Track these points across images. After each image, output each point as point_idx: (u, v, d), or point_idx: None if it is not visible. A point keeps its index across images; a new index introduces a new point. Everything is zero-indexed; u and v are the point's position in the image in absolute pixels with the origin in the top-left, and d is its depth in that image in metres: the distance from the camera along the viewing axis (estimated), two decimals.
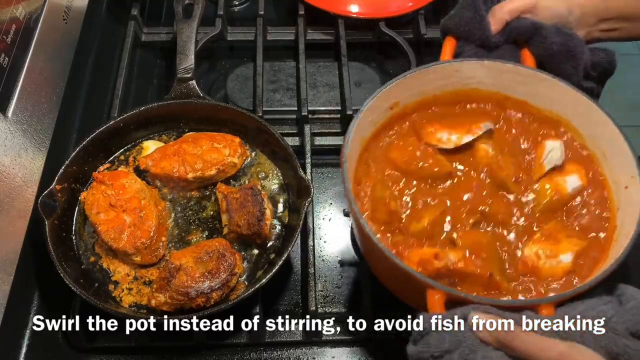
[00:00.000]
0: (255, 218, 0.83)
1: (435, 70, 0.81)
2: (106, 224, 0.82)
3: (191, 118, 0.97)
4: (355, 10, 1.16)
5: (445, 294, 0.63)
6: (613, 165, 0.76)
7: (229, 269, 0.78)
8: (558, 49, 0.83)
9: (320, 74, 1.13)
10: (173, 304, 0.77)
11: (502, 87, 0.83)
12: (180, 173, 0.89)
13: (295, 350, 0.82)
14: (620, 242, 0.69)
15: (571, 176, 0.77)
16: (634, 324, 0.60)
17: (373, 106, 0.78)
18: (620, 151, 0.74)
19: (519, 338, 0.59)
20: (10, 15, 0.83)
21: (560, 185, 0.76)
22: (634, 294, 0.62)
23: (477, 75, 0.83)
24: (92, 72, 1.09)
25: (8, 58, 0.81)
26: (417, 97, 0.83)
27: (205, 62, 1.18)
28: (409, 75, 0.80)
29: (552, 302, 0.63)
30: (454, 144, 0.80)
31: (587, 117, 0.78)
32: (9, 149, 0.79)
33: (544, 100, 0.82)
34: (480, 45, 0.86)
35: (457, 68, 0.82)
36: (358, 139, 0.77)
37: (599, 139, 0.78)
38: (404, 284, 0.70)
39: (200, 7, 1.06)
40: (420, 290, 0.64)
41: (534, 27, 0.83)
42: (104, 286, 0.83)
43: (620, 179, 0.74)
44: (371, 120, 0.79)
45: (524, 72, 0.81)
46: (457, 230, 0.74)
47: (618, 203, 0.74)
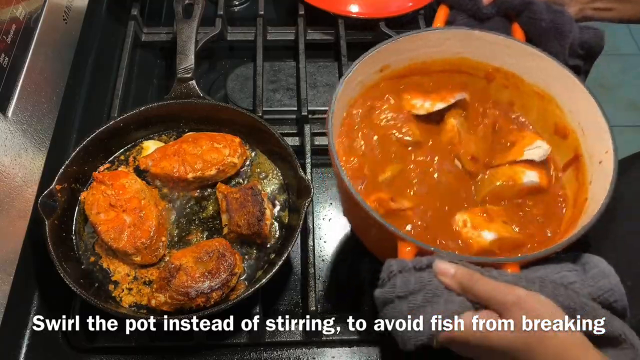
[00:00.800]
0: (255, 218, 0.83)
1: (424, 36, 0.82)
2: (106, 224, 0.82)
3: (191, 118, 0.97)
4: (355, 10, 1.16)
5: (416, 247, 0.65)
6: (590, 141, 0.78)
7: (229, 269, 0.78)
8: (546, 26, 0.85)
9: (320, 74, 1.13)
10: (173, 304, 0.77)
11: (491, 58, 0.84)
12: (180, 173, 0.89)
13: (295, 350, 0.82)
14: (588, 214, 0.70)
15: (531, 171, 0.79)
16: (596, 290, 0.62)
17: (361, 67, 0.79)
18: (598, 127, 0.75)
19: (480, 282, 0.61)
20: (10, 15, 0.83)
21: (517, 175, 0.78)
22: (597, 263, 0.65)
23: (467, 44, 0.84)
24: (92, 72, 1.09)
25: (8, 58, 0.81)
26: (406, 62, 0.84)
27: (205, 62, 1.18)
28: (399, 39, 0.81)
29: (518, 262, 0.65)
30: (425, 111, 0.82)
31: (570, 93, 0.80)
32: (9, 149, 0.79)
33: (531, 73, 0.83)
34: (472, 16, 0.88)
35: (448, 36, 0.83)
36: (345, 98, 0.78)
37: (579, 115, 0.79)
38: (378, 237, 0.72)
39: (200, 7, 1.06)
40: (392, 244, 0.66)
41: (525, 3, 0.85)
42: (104, 286, 0.83)
43: (595, 154, 0.76)
44: (360, 80, 0.81)
45: (513, 45, 0.82)
46: (412, 187, 0.79)
47: (590, 177, 0.76)
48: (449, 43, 0.83)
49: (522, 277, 0.62)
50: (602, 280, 0.63)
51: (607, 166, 0.72)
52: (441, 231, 0.75)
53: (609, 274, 0.64)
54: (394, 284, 0.63)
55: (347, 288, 0.88)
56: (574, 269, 0.65)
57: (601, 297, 0.63)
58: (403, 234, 0.66)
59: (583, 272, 0.64)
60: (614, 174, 0.70)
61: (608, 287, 0.63)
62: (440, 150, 0.82)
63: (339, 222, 0.95)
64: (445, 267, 0.62)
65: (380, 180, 0.79)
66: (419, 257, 0.64)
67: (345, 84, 0.76)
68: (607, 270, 0.64)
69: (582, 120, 0.79)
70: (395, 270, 0.63)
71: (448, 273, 0.62)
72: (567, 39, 0.84)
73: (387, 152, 0.81)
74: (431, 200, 0.78)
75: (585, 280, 0.63)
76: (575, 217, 0.73)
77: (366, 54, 0.78)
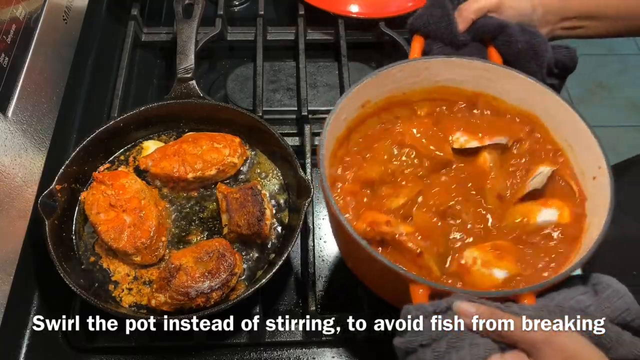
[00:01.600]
0: (255, 218, 0.83)
1: (402, 68, 0.82)
2: (106, 224, 0.82)
3: (191, 118, 0.97)
4: (355, 10, 1.16)
5: (429, 288, 0.63)
6: (580, 157, 0.77)
7: (229, 269, 0.78)
8: (523, 47, 0.85)
9: (320, 74, 1.13)
10: (173, 304, 0.77)
11: (471, 84, 0.84)
12: (180, 173, 0.89)
13: (295, 350, 0.82)
14: (590, 232, 0.69)
15: (549, 209, 0.76)
16: (613, 311, 0.61)
17: (344, 105, 0.78)
18: (588, 143, 0.75)
19: (504, 321, 0.59)
20: (10, 15, 0.83)
21: (532, 213, 0.76)
22: (609, 282, 0.63)
23: (446, 72, 0.84)
24: (92, 72, 1.09)
25: (8, 58, 0.81)
26: (387, 94, 0.84)
27: (205, 62, 1.18)
28: (378, 74, 0.81)
29: (533, 292, 0.64)
30: (459, 145, 0.82)
31: (554, 112, 0.80)
32: (9, 149, 0.79)
33: (512, 96, 0.83)
34: (448, 44, 0.88)
35: (426, 66, 0.83)
36: (333, 138, 0.78)
37: (566, 132, 0.79)
38: (384, 279, 0.71)
39: (200, 7, 1.06)
40: (401, 285, 0.64)
41: (500, 26, 0.85)
42: (103, 286, 0.83)
43: (587, 171, 0.75)
44: (344, 118, 0.80)
45: (492, 68, 0.83)
46: (420, 208, 0.77)
47: (586, 194, 0.75)
48: (427, 73, 0.83)
49: (543, 308, 0.61)
50: (617, 301, 0.62)
51: (603, 181, 0.71)
52: (447, 268, 0.72)
53: (623, 294, 0.62)
54: (416, 332, 0.60)
55: (347, 288, 0.88)
56: (586, 292, 0.63)
57: (618, 317, 0.61)
58: (415, 276, 0.63)
59: (595, 293, 0.63)
60: (612, 189, 0.69)
61: (624, 307, 0.62)
62: (463, 178, 0.80)
63: None
64: (465, 307, 0.60)
65: (391, 205, 0.76)
66: (438, 301, 0.62)
67: (331, 125, 0.76)
68: (621, 290, 0.63)
69: (568, 136, 0.79)
70: (415, 316, 0.61)
71: (469, 313, 0.60)
72: (544, 58, 0.85)
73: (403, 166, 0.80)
74: (435, 227, 0.75)
75: (600, 303, 0.62)
76: (577, 235, 0.72)
77: (347, 93, 0.78)
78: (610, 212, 0.68)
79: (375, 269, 0.69)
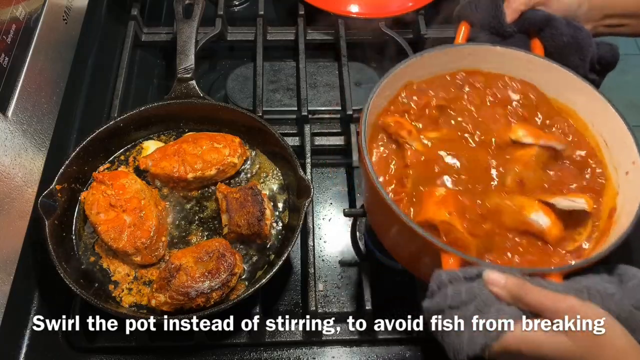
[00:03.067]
0: (255, 218, 0.83)
1: (448, 52, 0.84)
2: (106, 224, 0.82)
3: (191, 118, 0.97)
4: (355, 10, 1.16)
5: (460, 259, 0.64)
6: (614, 152, 0.78)
7: (229, 269, 0.78)
8: (568, 41, 0.86)
9: (320, 74, 1.13)
10: (173, 304, 0.77)
11: (512, 74, 0.86)
12: (180, 173, 0.89)
13: (295, 350, 0.82)
14: (620, 224, 0.70)
15: (541, 215, 0.75)
16: (638, 301, 0.61)
17: (388, 83, 0.80)
18: (622, 138, 0.76)
19: (531, 292, 0.60)
20: (10, 15, 0.83)
21: (528, 209, 0.75)
22: (635, 273, 0.64)
23: (489, 60, 0.85)
24: (92, 72, 1.09)
25: (8, 58, 0.81)
26: (429, 76, 0.86)
27: (205, 62, 1.18)
28: (423, 55, 0.83)
29: (561, 272, 0.64)
30: (516, 138, 0.81)
31: (591, 106, 0.81)
32: (9, 149, 0.79)
33: (551, 88, 0.85)
34: (494, 33, 0.88)
35: (470, 51, 0.85)
36: (374, 113, 0.80)
37: (601, 127, 0.80)
38: (411, 245, 0.72)
39: (201, 7, 1.06)
40: (431, 254, 0.65)
41: (547, 19, 0.86)
42: (103, 286, 0.83)
43: (621, 165, 0.76)
44: (387, 95, 0.82)
45: (535, 60, 0.84)
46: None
47: (617, 188, 0.76)
48: (472, 58, 0.85)
49: (570, 287, 0.62)
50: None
51: (636, 176, 0.73)
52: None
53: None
54: (445, 295, 0.62)
55: (348, 288, 0.88)
56: (611, 281, 0.64)
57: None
58: (446, 246, 0.65)
59: (620, 282, 0.64)
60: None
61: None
62: (496, 156, 0.81)
63: (339, 222, 0.95)
64: (495, 276, 0.61)
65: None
66: (469, 267, 0.63)
67: (374, 98, 0.77)
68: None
69: (604, 132, 0.80)
70: (446, 281, 0.62)
71: (499, 283, 0.61)
72: (588, 53, 0.86)
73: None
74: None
75: (626, 292, 0.62)
76: (606, 228, 0.73)
77: (389, 72, 0.80)
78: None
79: (406, 236, 0.69)
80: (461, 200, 0.74)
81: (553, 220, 0.73)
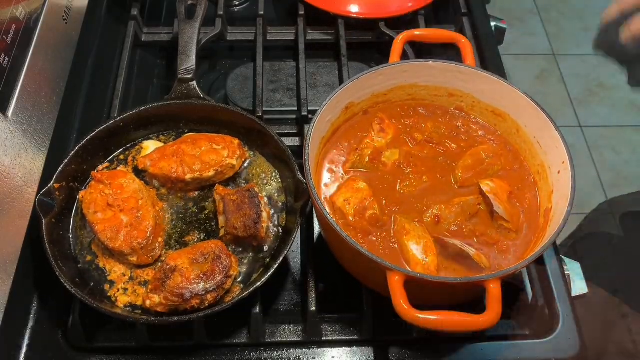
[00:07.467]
0: (252, 220, 0.83)
1: (382, 72, 0.89)
2: (103, 223, 0.82)
3: (191, 119, 0.97)
4: (355, 10, 1.16)
5: (404, 275, 0.69)
6: (548, 154, 0.84)
7: (224, 271, 0.78)
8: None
9: (320, 74, 1.13)
10: (167, 305, 0.77)
11: (447, 84, 0.91)
12: (179, 174, 0.89)
13: (295, 350, 0.82)
14: (555, 221, 0.76)
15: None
16: None
17: (329, 107, 0.85)
18: (553, 140, 0.82)
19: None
20: (10, 15, 0.83)
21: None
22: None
23: (424, 74, 0.90)
24: (92, 72, 1.09)
25: (8, 58, 0.81)
26: (369, 96, 0.91)
27: (205, 62, 1.18)
28: (359, 78, 0.87)
29: (499, 277, 0.69)
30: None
31: (525, 112, 0.86)
32: (9, 149, 0.79)
33: (487, 96, 0.90)
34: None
35: (406, 69, 0.90)
36: (317, 138, 0.84)
37: (533, 130, 0.86)
38: (362, 266, 0.79)
39: (203, 8, 1.06)
40: (378, 271, 0.70)
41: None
42: (99, 286, 0.82)
43: (554, 165, 0.82)
44: (329, 120, 0.87)
45: (465, 70, 0.90)
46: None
47: (552, 186, 0.82)
48: (406, 75, 0.90)
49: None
50: None
51: (565, 175, 0.78)
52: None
53: None
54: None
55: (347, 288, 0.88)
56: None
57: None
58: (391, 265, 0.69)
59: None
60: (573, 182, 0.76)
61: None
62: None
63: None
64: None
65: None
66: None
67: (315, 126, 0.82)
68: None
69: (537, 134, 0.86)
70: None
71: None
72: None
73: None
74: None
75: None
76: (544, 227, 0.80)
77: (332, 95, 0.84)
78: (571, 203, 0.74)
79: (358, 259, 0.74)
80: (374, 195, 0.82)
81: (430, 258, 0.78)
